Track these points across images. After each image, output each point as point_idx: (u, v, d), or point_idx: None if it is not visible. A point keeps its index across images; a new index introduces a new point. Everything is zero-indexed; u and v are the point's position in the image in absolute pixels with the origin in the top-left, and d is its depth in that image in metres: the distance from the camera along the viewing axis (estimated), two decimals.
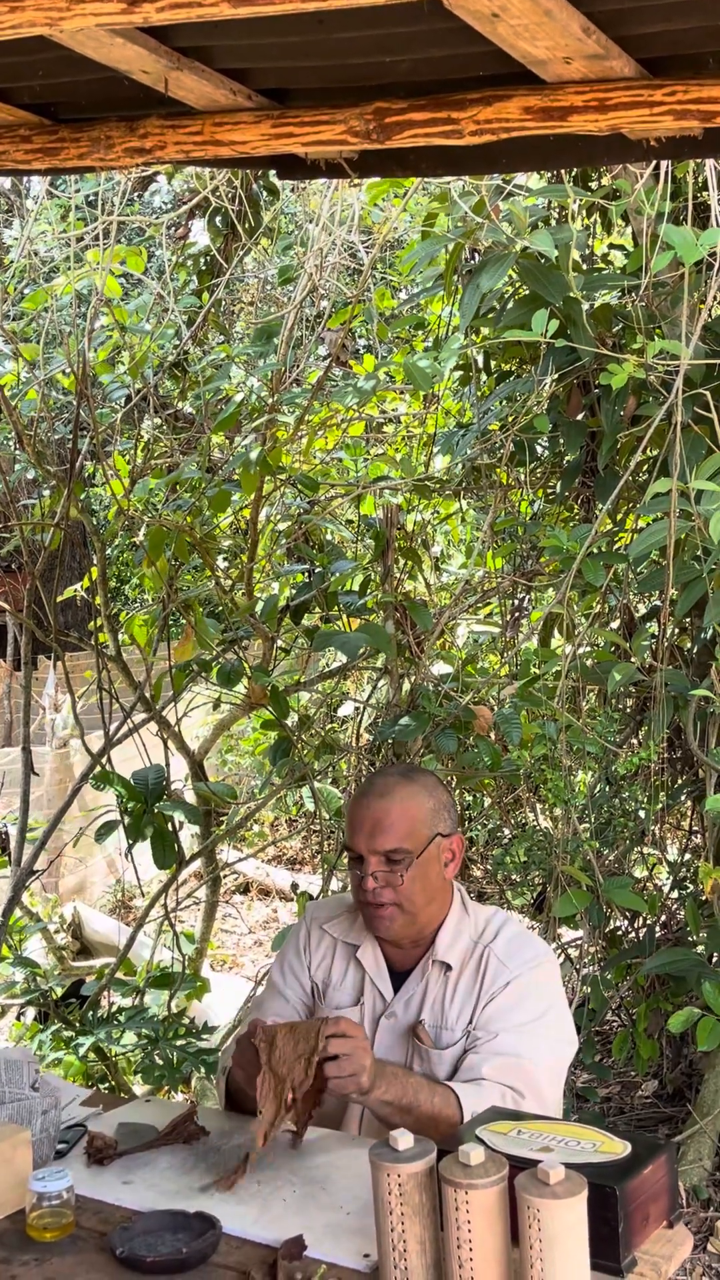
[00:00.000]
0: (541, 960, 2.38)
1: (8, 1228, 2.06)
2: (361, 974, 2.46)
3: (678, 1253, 1.94)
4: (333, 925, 2.53)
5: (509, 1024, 2.29)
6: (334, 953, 2.51)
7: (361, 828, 2.35)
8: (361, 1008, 2.44)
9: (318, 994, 2.51)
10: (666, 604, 3.87)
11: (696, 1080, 4.32)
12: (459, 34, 2.05)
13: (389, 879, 2.33)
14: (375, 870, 2.33)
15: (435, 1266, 1.81)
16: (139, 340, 4.45)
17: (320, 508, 4.53)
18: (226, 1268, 1.91)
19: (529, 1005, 2.32)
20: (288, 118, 2.43)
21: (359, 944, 2.46)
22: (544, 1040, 2.30)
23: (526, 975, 2.34)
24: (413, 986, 2.40)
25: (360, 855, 2.35)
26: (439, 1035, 2.34)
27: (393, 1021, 2.40)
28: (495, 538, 4.56)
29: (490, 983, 2.33)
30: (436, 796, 2.41)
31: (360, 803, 2.39)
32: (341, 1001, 2.46)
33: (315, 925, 2.55)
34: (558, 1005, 2.36)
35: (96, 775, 3.97)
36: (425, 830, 2.36)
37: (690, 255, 3.36)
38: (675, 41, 2.14)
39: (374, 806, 2.36)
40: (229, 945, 7.10)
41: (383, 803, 2.36)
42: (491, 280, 3.77)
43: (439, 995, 2.37)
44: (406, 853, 2.33)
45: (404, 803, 2.36)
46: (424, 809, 2.37)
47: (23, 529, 4.60)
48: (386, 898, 2.33)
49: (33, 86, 2.51)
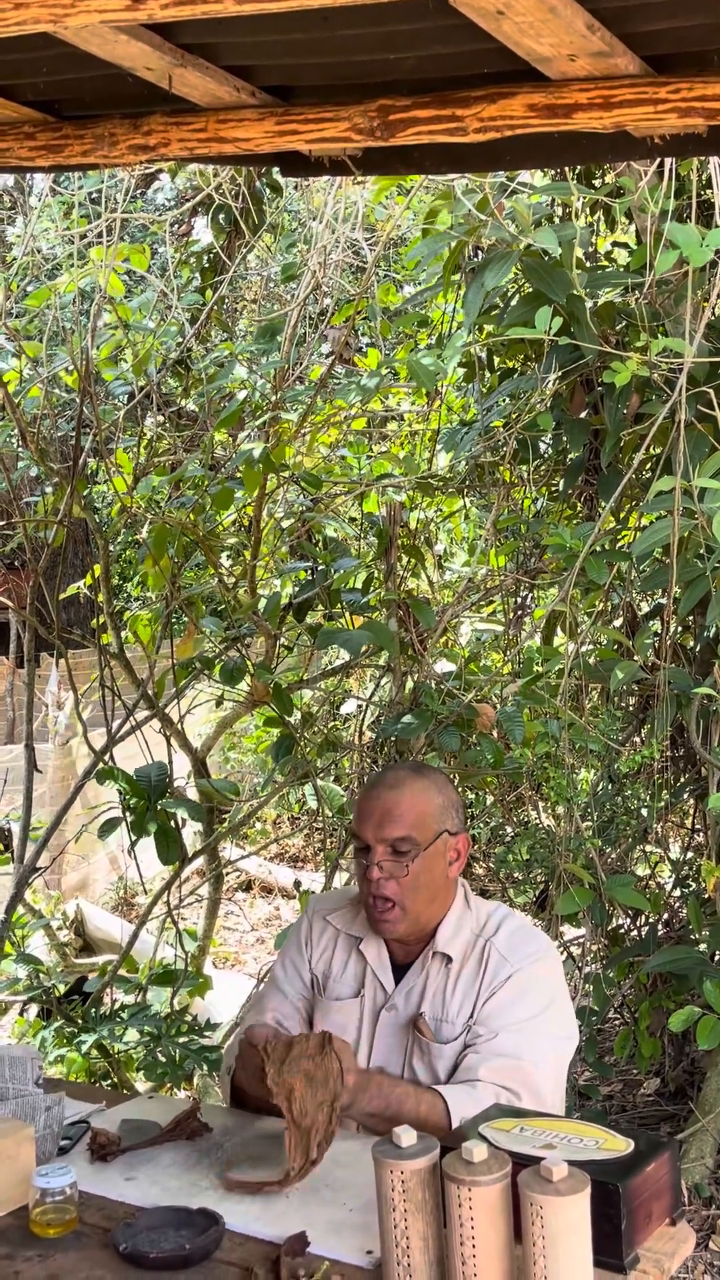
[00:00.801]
0: (543, 954, 2.38)
1: (11, 1224, 2.06)
2: (363, 966, 2.46)
3: (680, 1250, 1.94)
4: (336, 917, 2.53)
5: (509, 1021, 2.28)
6: (336, 944, 2.51)
7: (371, 816, 2.36)
8: (361, 1000, 2.44)
9: (318, 986, 2.52)
10: (669, 602, 3.87)
11: (699, 1078, 4.32)
12: (464, 31, 2.05)
13: (394, 870, 2.33)
14: (381, 860, 2.33)
15: (438, 1263, 1.81)
16: (142, 338, 4.46)
17: (323, 505, 4.53)
18: (230, 1264, 1.92)
19: (530, 1000, 2.32)
20: (292, 115, 2.42)
21: (362, 936, 2.47)
22: (545, 1039, 2.29)
23: (528, 969, 2.34)
24: (413, 979, 2.40)
25: (367, 844, 2.36)
26: (439, 1028, 2.34)
27: (393, 1014, 2.40)
28: (498, 535, 4.56)
29: (492, 976, 2.33)
30: (446, 794, 2.42)
31: (371, 793, 2.40)
32: (342, 993, 2.46)
33: (318, 917, 2.56)
34: (559, 1000, 2.36)
35: (99, 772, 3.97)
36: (434, 824, 2.36)
37: (696, 256, 3.35)
38: (680, 39, 2.14)
39: (384, 796, 2.37)
40: (231, 943, 7.11)
41: (393, 794, 2.37)
42: (495, 278, 3.76)
43: (439, 988, 2.37)
44: (414, 844, 2.33)
45: (414, 795, 2.37)
46: (434, 804, 2.38)
47: (26, 526, 4.60)
48: (390, 890, 2.33)
49: (37, 83, 2.51)
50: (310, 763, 4.18)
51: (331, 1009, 2.46)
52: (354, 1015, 2.43)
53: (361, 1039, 2.41)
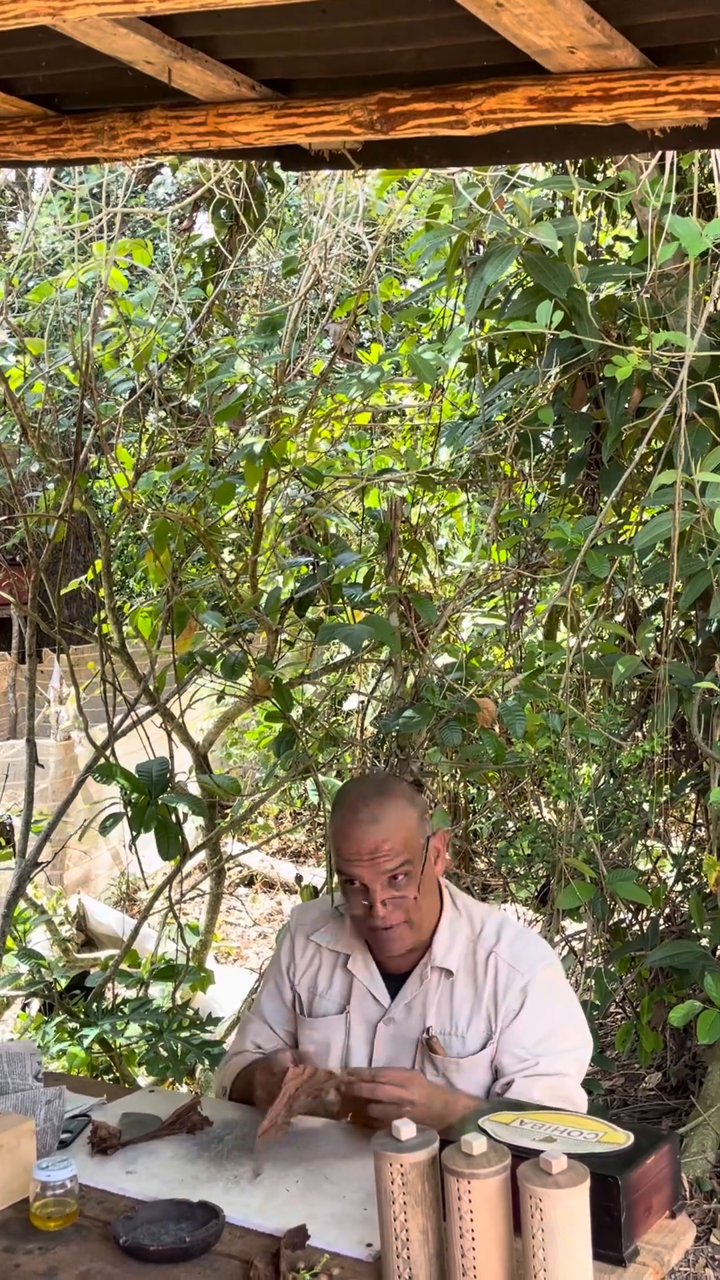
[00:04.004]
0: (548, 958, 2.38)
1: (12, 1217, 2.07)
2: (349, 981, 2.42)
3: (680, 1243, 1.94)
4: (321, 935, 2.49)
5: (536, 1037, 2.27)
6: (320, 961, 2.47)
7: (361, 855, 2.28)
8: (348, 1016, 2.40)
9: (300, 1006, 2.49)
10: (671, 596, 3.86)
11: (700, 1072, 4.32)
12: (463, 23, 2.04)
13: (398, 900, 2.29)
14: (383, 897, 2.28)
15: (438, 1256, 1.81)
16: (143, 333, 4.45)
17: (325, 500, 4.53)
18: (230, 1257, 1.92)
19: (549, 1011, 2.30)
20: (291, 108, 2.42)
21: (349, 953, 2.43)
22: (570, 1054, 2.30)
23: (538, 976, 2.32)
24: (411, 991, 2.37)
25: (362, 883, 2.29)
26: (449, 1042, 2.31)
27: (393, 1028, 2.37)
28: (500, 530, 4.56)
29: (505, 989, 2.30)
30: (416, 802, 2.38)
31: (351, 832, 2.31)
32: (327, 1010, 2.43)
33: (301, 934, 2.52)
34: (570, 1004, 2.36)
35: (100, 768, 3.97)
36: (419, 838, 2.33)
37: (695, 247, 3.35)
38: (680, 31, 2.13)
39: (369, 833, 2.29)
40: (233, 938, 7.11)
41: (377, 828, 2.29)
42: (496, 272, 3.76)
43: (443, 1002, 2.33)
44: (411, 864, 2.29)
45: (395, 819, 2.30)
46: (413, 818, 2.34)
47: (27, 522, 4.60)
48: (397, 919, 2.30)
49: (36, 77, 2.51)
50: (312, 758, 4.18)
51: (315, 1026, 2.43)
52: (339, 1030, 2.41)
53: (354, 1052, 2.39)
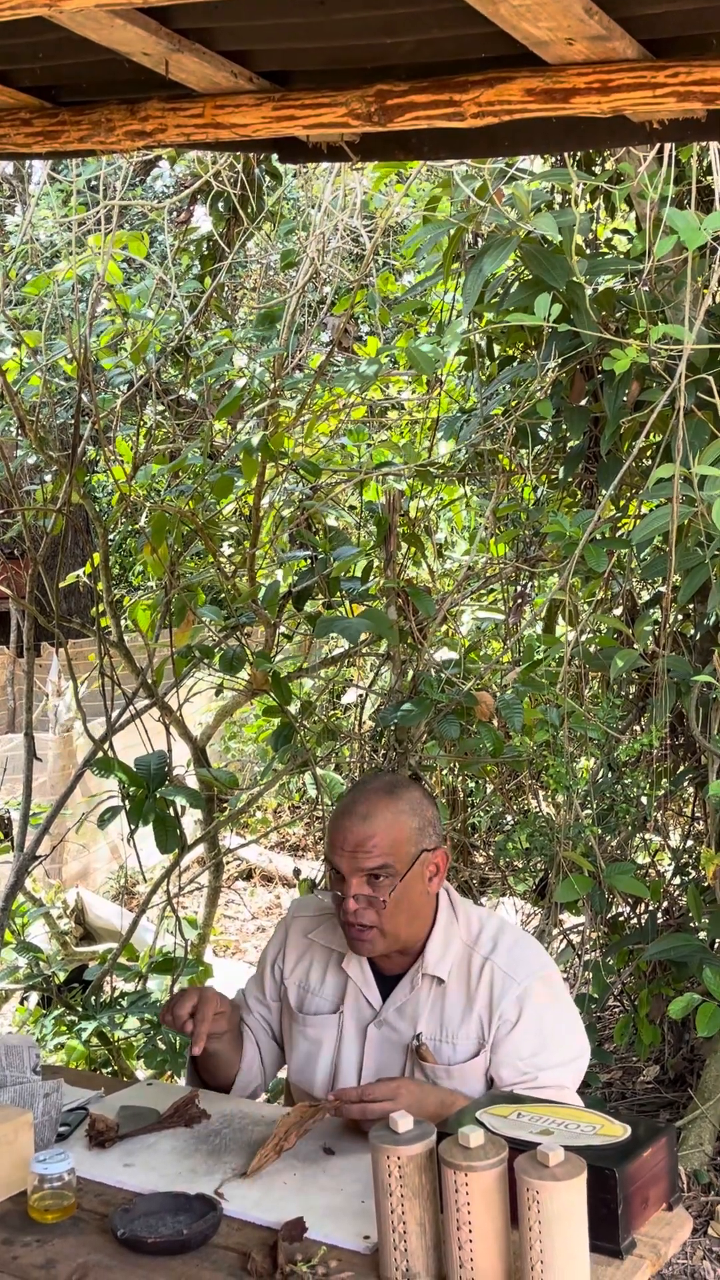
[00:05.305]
0: (545, 966, 2.34)
1: (9, 1209, 2.07)
2: (343, 980, 2.41)
3: (677, 1235, 1.94)
4: (317, 933, 2.48)
5: (534, 1048, 2.26)
6: (314, 957, 2.46)
7: (344, 846, 2.27)
8: (341, 1015, 2.39)
9: (288, 1001, 2.47)
10: (669, 590, 3.86)
11: (698, 1065, 4.33)
12: (461, 15, 2.04)
13: (371, 900, 2.26)
14: (357, 892, 2.26)
15: (435, 1248, 1.81)
16: (141, 325, 4.44)
17: (323, 493, 4.53)
18: (227, 1249, 1.92)
19: (547, 1021, 2.28)
20: (289, 100, 2.41)
21: (343, 952, 2.41)
22: (569, 1065, 2.28)
23: (536, 985, 2.29)
24: (402, 995, 2.35)
25: (342, 875, 2.28)
26: (439, 1049, 2.29)
27: (384, 1029, 2.35)
28: (498, 523, 4.56)
29: (499, 998, 2.27)
30: (421, 813, 2.33)
31: (343, 822, 2.30)
32: (320, 1008, 2.42)
33: (295, 928, 2.52)
34: (568, 1012, 2.33)
35: (98, 762, 3.97)
36: (410, 848, 2.29)
37: (693, 239, 3.34)
38: (678, 23, 2.12)
39: (357, 828, 2.27)
40: (231, 931, 7.12)
41: (366, 825, 2.27)
42: (494, 265, 3.75)
43: (434, 1007, 2.32)
44: (392, 872, 2.26)
45: (388, 823, 2.28)
46: (408, 827, 2.29)
47: (25, 515, 4.60)
48: (368, 919, 2.26)
49: (33, 69, 2.51)
50: (310, 751, 4.18)
51: (308, 1024, 2.43)
52: (332, 1030, 2.40)
53: (345, 1054, 2.38)
